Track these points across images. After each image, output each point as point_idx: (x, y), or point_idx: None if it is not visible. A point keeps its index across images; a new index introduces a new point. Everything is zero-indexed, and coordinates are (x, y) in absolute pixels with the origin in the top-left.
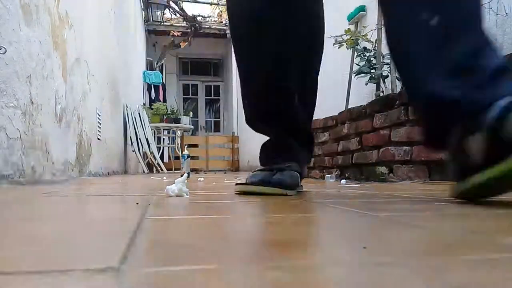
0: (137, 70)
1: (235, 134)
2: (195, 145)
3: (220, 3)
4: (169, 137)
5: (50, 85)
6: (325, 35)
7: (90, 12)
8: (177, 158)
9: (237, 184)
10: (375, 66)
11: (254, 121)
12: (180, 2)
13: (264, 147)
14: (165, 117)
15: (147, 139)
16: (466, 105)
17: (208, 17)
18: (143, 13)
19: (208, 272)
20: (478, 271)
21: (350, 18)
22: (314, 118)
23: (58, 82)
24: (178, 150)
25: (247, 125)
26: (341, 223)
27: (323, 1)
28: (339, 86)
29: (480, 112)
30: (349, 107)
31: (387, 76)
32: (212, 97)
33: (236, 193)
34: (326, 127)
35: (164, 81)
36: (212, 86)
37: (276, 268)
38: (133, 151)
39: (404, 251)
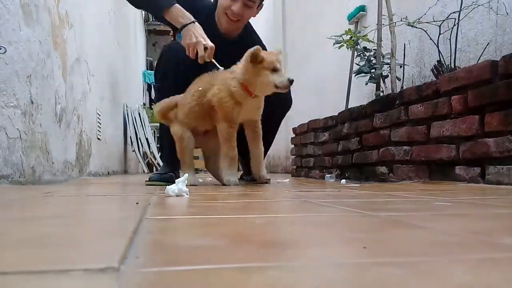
0: (137, 70)
1: None
2: None
3: None
4: None
5: (50, 85)
6: (325, 35)
7: (90, 12)
8: None
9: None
10: (375, 66)
11: None
12: None
13: None
14: None
15: (147, 139)
16: None
17: None
18: (143, 13)
19: (208, 272)
20: (478, 271)
21: (350, 18)
22: (314, 118)
23: (58, 82)
24: None
25: None
26: (341, 223)
27: (324, 1)
28: (339, 86)
29: None
30: (349, 107)
31: (387, 76)
32: None
33: None
34: (326, 127)
35: None
36: None
37: (276, 268)
38: (133, 151)
39: (404, 251)
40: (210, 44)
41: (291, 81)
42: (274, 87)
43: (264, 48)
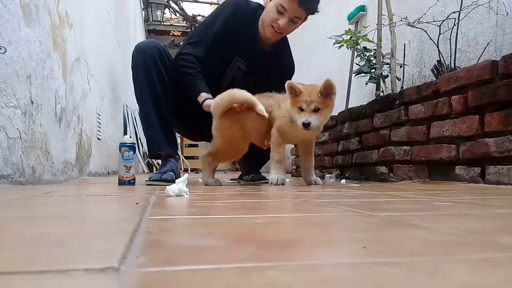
0: None
1: None
2: (195, 145)
3: (220, 3)
4: None
5: (50, 85)
6: (325, 35)
7: (90, 12)
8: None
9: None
10: (375, 66)
11: None
12: (180, 2)
13: None
14: None
15: None
16: None
17: None
18: (143, 13)
19: (208, 272)
20: (478, 271)
21: (350, 18)
22: None
23: (58, 82)
24: (178, 150)
25: None
26: (341, 223)
27: (324, 1)
28: (339, 86)
29: None
30: (349, 107)
31: (387, 76)
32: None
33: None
34: (326, 127)
35: None
36: None
37: (276, 268)
38: None
39: (403, 251)
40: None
41: (304, 124)
42: (297, 126)
43: (291, 64)
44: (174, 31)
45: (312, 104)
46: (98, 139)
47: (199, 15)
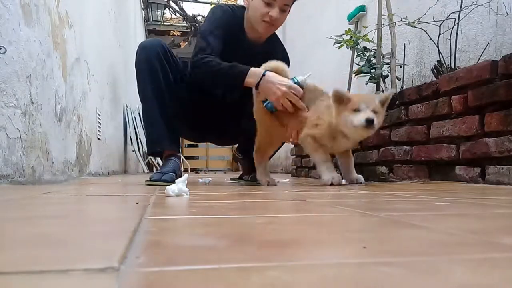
0: None
1: None
2: (195, 145)
3: (220, 3)
4: None
5: (50, 85)
6: (325, 35)
7: (90, 12)
8: None
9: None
10: (375, 66)
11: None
12: (180, 1)
13: None
14: None
15: None
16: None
17: None
18: (143, 13)
19: (208, 272)
20: (478, 271)
21: (350, 18)
22: None
23: (58, 82)
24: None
25: None
26: (341, 223)
27: (324, 1)
28: (339, 86)
29: None
30: None
31: (387, 76)
32: None
33: None
34: None
35: None
36: None
37: (276, 268)
38: (133, 151)
39: (403, 251)
40: (292, 85)
41: (368, 121)
42: (353, 127)
43: (287, 57)
44: (174, 31)
45: (371, 106)
46: (98, 139)
47: (199, 15)
